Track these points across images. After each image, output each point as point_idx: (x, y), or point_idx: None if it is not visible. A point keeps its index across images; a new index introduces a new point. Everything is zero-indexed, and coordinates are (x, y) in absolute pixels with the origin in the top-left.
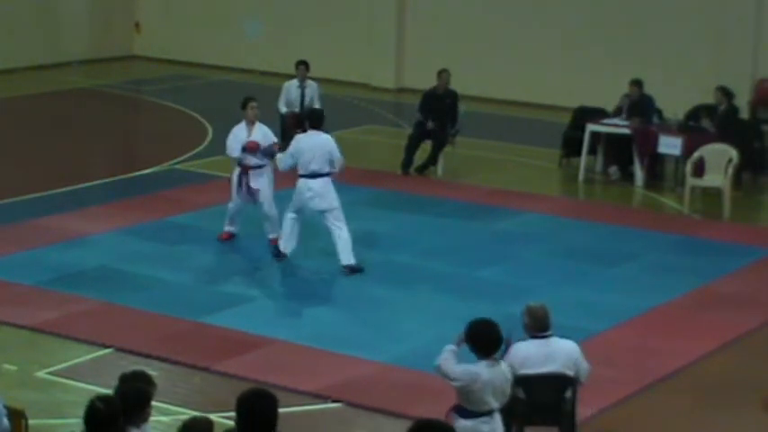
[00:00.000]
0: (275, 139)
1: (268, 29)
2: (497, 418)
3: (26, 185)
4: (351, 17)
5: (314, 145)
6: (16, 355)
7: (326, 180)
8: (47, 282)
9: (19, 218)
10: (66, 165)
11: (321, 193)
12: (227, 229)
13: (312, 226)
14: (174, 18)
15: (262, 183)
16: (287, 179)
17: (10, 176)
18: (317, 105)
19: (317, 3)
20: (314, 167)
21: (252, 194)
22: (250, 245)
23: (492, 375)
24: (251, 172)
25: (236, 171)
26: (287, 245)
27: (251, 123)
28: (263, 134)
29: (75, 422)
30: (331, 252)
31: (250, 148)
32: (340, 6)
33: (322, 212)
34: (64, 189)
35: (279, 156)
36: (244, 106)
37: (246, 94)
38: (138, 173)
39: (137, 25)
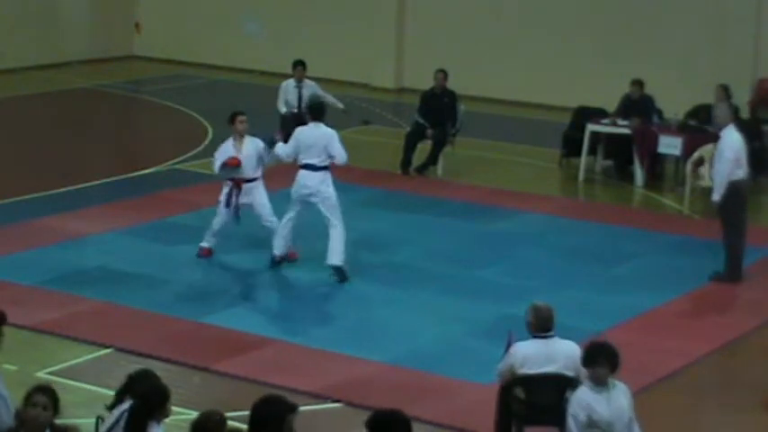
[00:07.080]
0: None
1: (268, 29)
2: None
3: (26, 185)
4: (351, 17)
5: (313, 138)
6: (16, 355)
7: (324, 174)
8: (47, 282)
9: (19, 218)
10: (66, 165)
11: (318, 189)
12: (207, 245)
13: (313, 226)
14: (174, 18)
15: (256, 196)
16: (282, 180)
17: (10, 176)
18: None
19: (317, 2)
20: (312, 161)
21: (237, 212)
22: (250, 244)
23: None
24: (244, 186)
25: (226, 188)
26: (280, 246)
27: (239, 137)
28: (255, 147)
29: (75, 422)
30: None
31: (231, 165)
32: (340, 6)
33: (317, 204)
34: (64, 189)
35: (279, 144)
36: (231, 120)
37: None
38: (138, 173)
39: (137, 25)
